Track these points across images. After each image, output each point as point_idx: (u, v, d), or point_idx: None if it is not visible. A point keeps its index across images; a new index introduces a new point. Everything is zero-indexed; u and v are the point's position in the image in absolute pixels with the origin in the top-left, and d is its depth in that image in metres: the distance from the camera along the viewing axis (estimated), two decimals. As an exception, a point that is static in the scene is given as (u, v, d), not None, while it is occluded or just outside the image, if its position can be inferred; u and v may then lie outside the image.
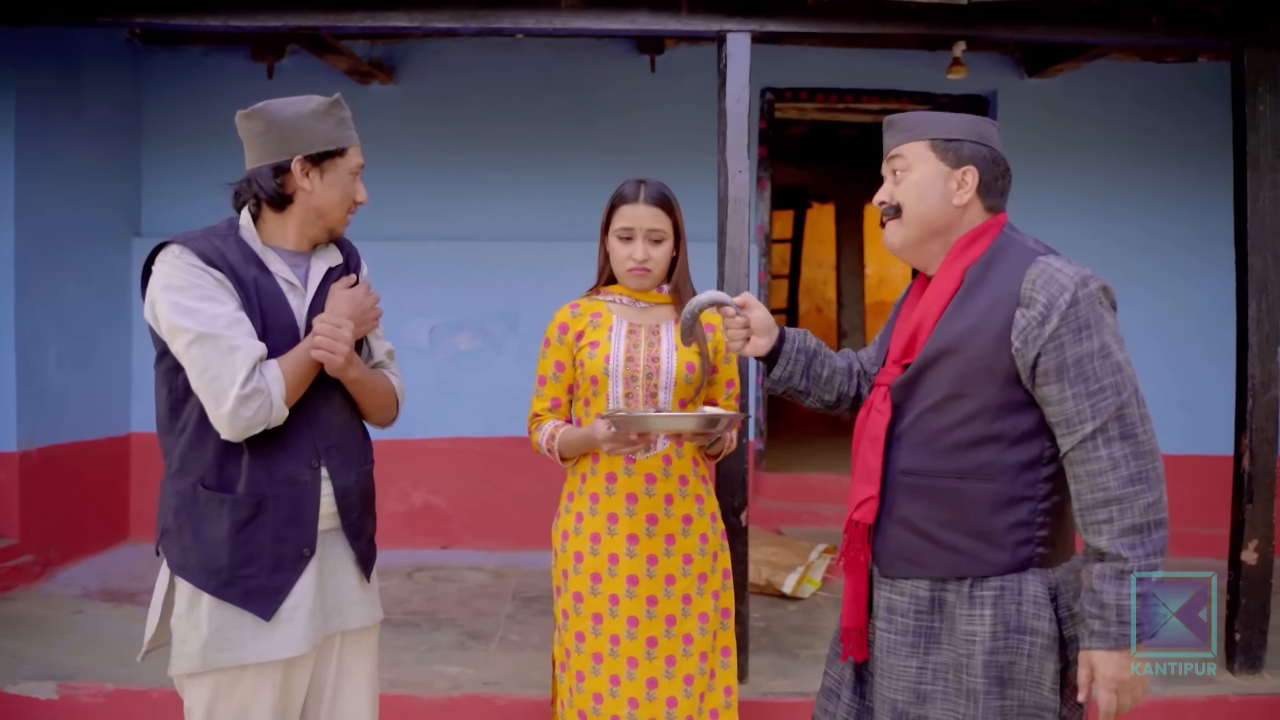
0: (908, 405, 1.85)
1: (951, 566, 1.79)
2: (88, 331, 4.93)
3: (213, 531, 1.88)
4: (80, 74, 4.84)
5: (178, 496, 1.91)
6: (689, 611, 2.35)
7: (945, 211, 1.85)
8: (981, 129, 1.88)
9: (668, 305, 2.43)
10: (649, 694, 2.31)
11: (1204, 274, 5.13)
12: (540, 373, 2.44)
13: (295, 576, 1.91)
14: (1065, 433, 1.72)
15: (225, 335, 1.81)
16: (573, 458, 2.39)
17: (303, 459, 1.94)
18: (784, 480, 5.72)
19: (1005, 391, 1.76)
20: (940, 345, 1.80)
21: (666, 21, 3.45)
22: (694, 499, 2.38)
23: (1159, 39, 3.74)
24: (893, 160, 1.90)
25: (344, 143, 1.97)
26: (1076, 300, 1.70)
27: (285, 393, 1.86)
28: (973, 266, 1.82)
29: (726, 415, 2.14)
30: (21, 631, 3.80)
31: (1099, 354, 1.70)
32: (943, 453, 1.80)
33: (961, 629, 1.78)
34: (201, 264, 1.86)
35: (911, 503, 1.83)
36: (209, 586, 1.87)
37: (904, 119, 1.91)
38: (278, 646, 1.89)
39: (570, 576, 2.37)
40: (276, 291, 1.94)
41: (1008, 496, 1.77)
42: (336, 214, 2.00)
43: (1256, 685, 3.38)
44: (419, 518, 5.26)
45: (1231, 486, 3.52)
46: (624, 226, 2.35)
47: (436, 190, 5.34)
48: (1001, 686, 1.75)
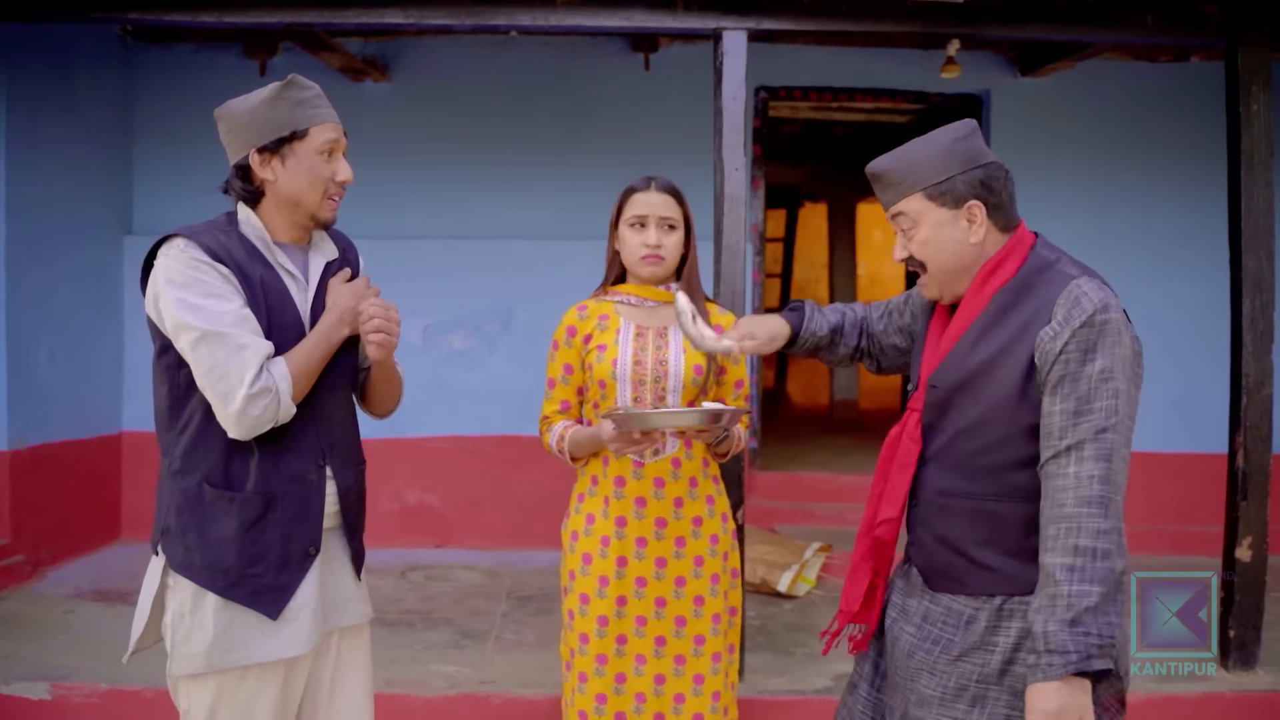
0: (940, 427, 1.84)
1: (990, 585, 1.78)
2: (79, 330, 4.90)
3: (219, 530, 1.85)
4: (72, 71, 4.81)
5: (181, 495, 1.87)
6: (701, 613, 2.35)
7: (966, 252, 1.82)
8: (963, 150, 1.81)
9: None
10: (656, 689, 2.31)
11: (1197, 272, 5.14)
12: (549, 376, 2.43)
13: (301, 575, 1.90)
14: (1044, 445, 1.70)
15: (232, 333, 1.78)
16: (583, 458, 2.38)
17: (310, 456, 1.92)
18: (778, 479, 5.72)
19: (1036, 414, 1.73)
20: (969, 370, 1.79)
21: (662, 19, 3.44)
22: (704, 500, 2.38)
23: (1154, 38, 3.76)
24: (896, 219, 1.87)
25: (301, 124, 1.87)
26: (1092, 322, 1.67)
27: (293, 390, 1.83)
28: (1001, 290, 1.80)
29: (729, 410, 2.12)
30: (14, 632, 3.78)
31: (1099, 376, 1.66)
32: (979, 475, 1.79)
33: (984, 639, 1.78)
34: (207, 258, 1.82)
35: (948, 522, 1.82)
36: (215, 586, 1.85)
37: (887, 172, 1.86)
38: (283, 646, 1.88)
39: (578, 577, 2.36)
40: (280, 286, 1.91)
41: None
42: (310, 198, 1.91)
43: (1251, 682, 3.39)
44: (413, 517, 5.25)
45: (1225, 484, 3.53)
46: (636, 214, 2.35)
47: (430, 188, 5.32)
48: (1013, 697, 1.75)
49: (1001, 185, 1.83)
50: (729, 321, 2.43)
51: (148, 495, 5.92)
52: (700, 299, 2.41)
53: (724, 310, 2.50)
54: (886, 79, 5.48)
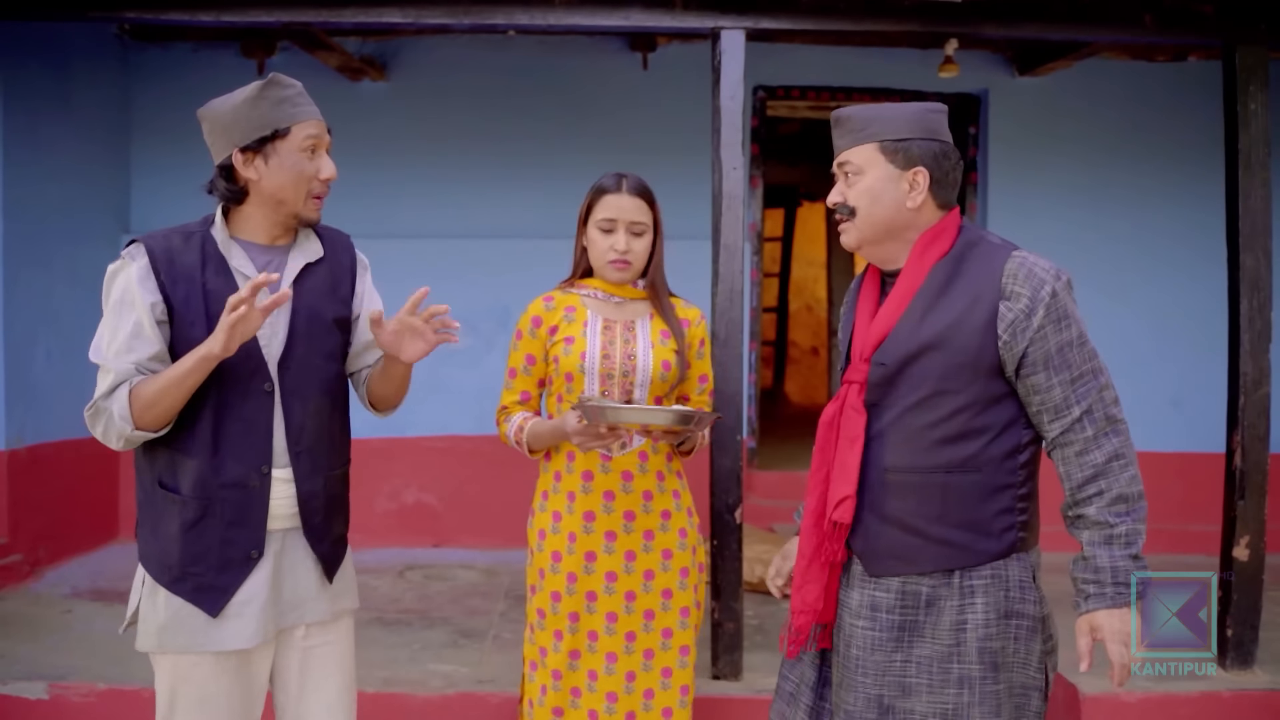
0: (887, 403, 1.86)
1: (944, 560, 1.82)
2: (76, 329, 4.89)
3: (166, 528, 1.91)
4: (69, 70, 4.80)
5: (141, 490, 1.97)
6: (669, 606, 2.36)
7: (899, 214, 1.87)
8: (930, 122, 1.89)
9: (643, 301, 2.42)
10: (627, 687, 2.32)
11: (1194, 270, 5.15)
12: (511, 365, 2.43)
13: (242, 578, 1.92)
14: (1054, 418, 1.80)
15: (106, 360, 1.92)
16: (541, 450, 2.37)
17: (252, 463, 1.92)
18: (775, 478, 5.72)
19: (989, 385, 1.82)
20: (921, 342, 1.82)
21: (661, 18, 3.44)
22: (671, 494, 2.39)
23: (1151, 37, 3.76)
24: (842, 166, 1.92)
25: (283, 122, 1.88)
26: (1056, 293, 1.78)
27: (133, 413, 1.86)
28: (940, 262, 1.85)
29: (701, 414, 2.12)
30: (11, 631, 3.78)
31: (1077, 342, 1.80)
32: (929, 449, 1.83)
33: (949, 619, 1.81)
34: (133, 278, 1.89)
35: (899, 500, 1.84)
36: (163, 580, 1.91)
37: (852, 117, 1.92)
38: (227, 638, 1.91)
39: (547, 575, 2.36)
40: (230, 292, 1.87)
41: (993, 485, 1.82)
42: (294, 196, 1.92)
43: (1248, 681, 3.39)
44: (410, 516, 5.25)
45: (1223, 483, 3.53)
46: (606, 218, 2.34)
47: (427, 187, 5.32)
48: (995, 671, 1.81)
49: (951, 166, 1.89)
50: (695, 315, 2.44)
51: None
52: (664, 295, 2.41)
53: (689, 304, 2.49)
54: (884, 78, 5.47)
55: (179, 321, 1.90)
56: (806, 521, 1.93)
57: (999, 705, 1.81)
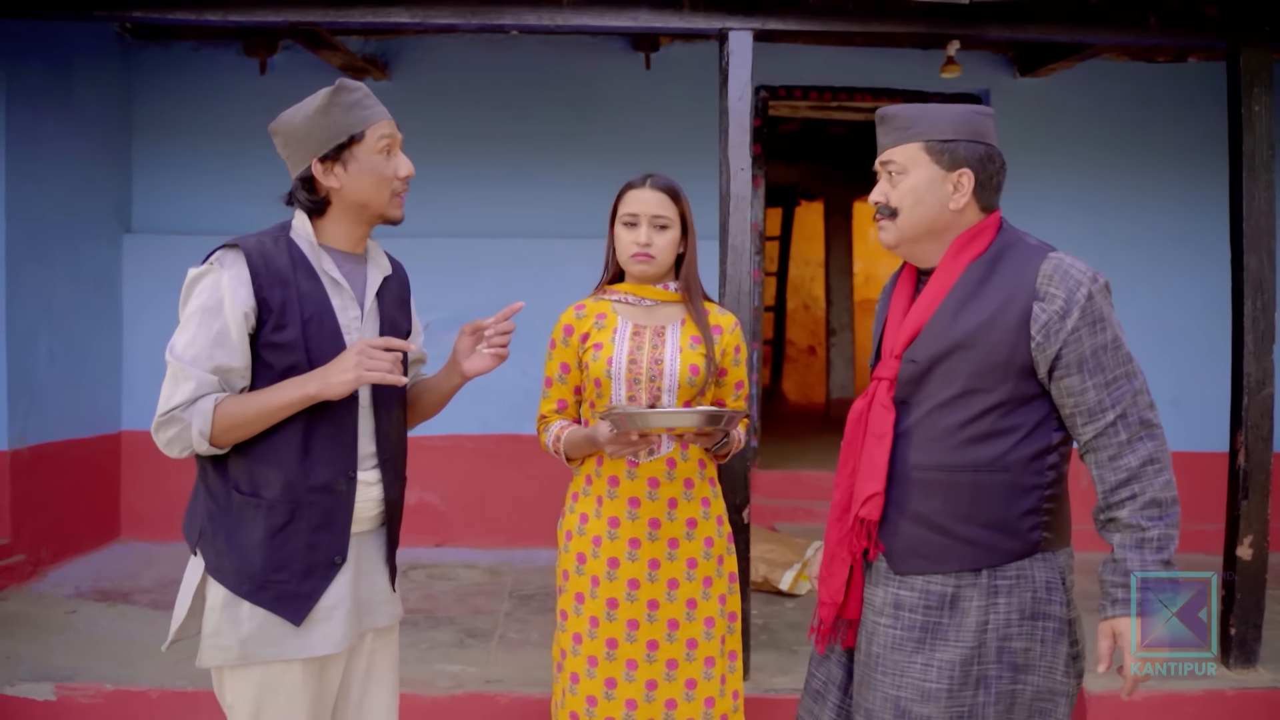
0: (916, 401, 1.85)
1: (970, 559, 1.81)
2: (79, 328, 4.89)
3: (247, 535, 1.87)
4: (71, 69, 4.79)
5: (212, 500, 1.90)
6: (694, 616, 2.32)
7: (941, 215, 1.87)
8: (977, 124, 1.88)
9: (677, 304, 2.40)
10: (648, 695, 2.29)
11: (1197, 271, 5.17)
12: (547, 374, 2.43)
13: (325, 584, 1.91)
14: (1087, 421, 1.80)
15: (185, 367, 1.81)
16: (578, 458, 2.37)
17: (341, 468, 1.92)
18: (778, 477, 5.74)
19: (1020, 385, 1.80)
20: (953, 341, 1.81)
21: (668, 19, 3.44)
22: (700, 502, 2.35)
23: (1156, 39, 3.77)
24: (886, 165, 1.90)
25: (357, 127, 1.90)
26: (1092, 295, 1.77)
27: (212, 429, 1.81)
28: (976, 262, 1.85)
29: (726, 412, 2.11)
30: (15, 632, 3.77)
31: (1112, 345, 1.79)
32: (957, 447, 1.82)
33: (974, 620, 1.80)
34: (225, 286, 1.82)
35: (926, 499, 1.83)
36: (242, 591, 1.86)
37: (898, 115, 1.90)
38: (316, 644, 1.90)
39: (572, 577, 2.36)
40: (321, 296, 1.90)
41: (1021, 486, 1.81)
42: (378, 198, 1.94)
43: (1251, 679, 3.41)
44: (413, 515, 5.16)
45: (1224, 482, 3.55)
46: (629, 212, 2.34)
47: (431, 187, 5.26)
48: (1015, 672, 1.79)
49: (996, 169, 1.90)
50: (729, 322, 2.43)
51: (148, 494, 5.87)
52: (699, 298, 2.39)
53: (724, 310, 2.48)
54: (886, 78, 5.48)
55: (269, 325, 1.86)
56: (832, 515, 1.93)
57: (1012, 705, 1.80)
